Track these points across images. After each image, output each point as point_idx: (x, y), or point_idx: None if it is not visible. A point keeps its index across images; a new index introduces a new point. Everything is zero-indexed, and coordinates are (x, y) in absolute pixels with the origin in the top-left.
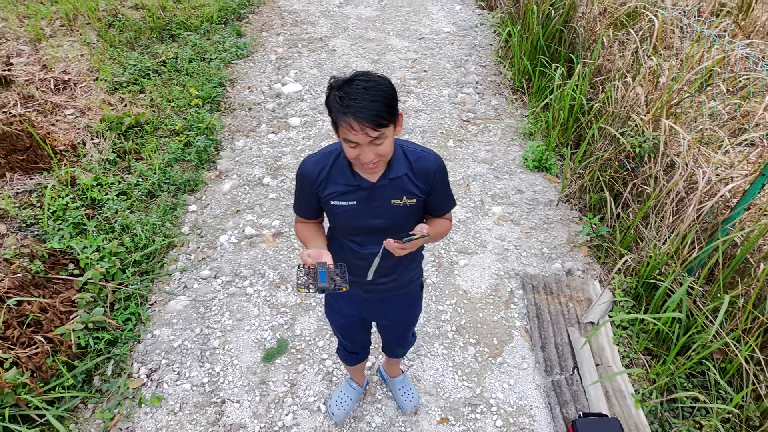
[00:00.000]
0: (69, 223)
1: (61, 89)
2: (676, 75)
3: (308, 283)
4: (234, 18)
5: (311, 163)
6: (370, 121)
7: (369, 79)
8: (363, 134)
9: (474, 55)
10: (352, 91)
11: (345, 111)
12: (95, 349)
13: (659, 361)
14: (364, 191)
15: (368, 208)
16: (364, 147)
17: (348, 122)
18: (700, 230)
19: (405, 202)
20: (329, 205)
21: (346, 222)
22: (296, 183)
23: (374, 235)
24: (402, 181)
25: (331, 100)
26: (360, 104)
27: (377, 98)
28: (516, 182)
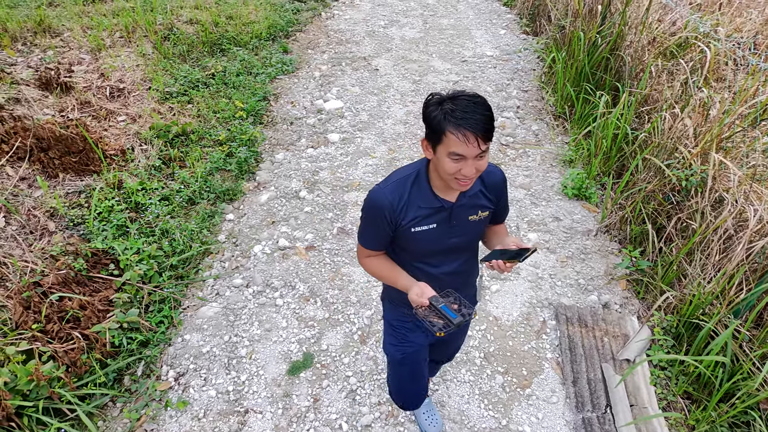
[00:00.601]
0: (113, 225)
1: (115, 97)
2: (728, 108)
3: (444, 325)
4: (282, 35)
5: (387, 192)
6: (483, 133)
7: (474, 95)
8: (475, 146)
9: (516, 79)
10: (463, 105)
11: (460, 123)
12: (128, 348)
13: (699, 407)
14: (445, 212)
15: (447, 228)
16: (468, 161)
17: (464, 134)
18: (749, 271)
19: (480, 216)
20: (408, 233)
21: (424, 246)
22: (367, 215)
23: (450, 254)
24: (477, 196)
25: (437, 115)
26: (474, 117)
27: (487, 112)
28: (553, 209)
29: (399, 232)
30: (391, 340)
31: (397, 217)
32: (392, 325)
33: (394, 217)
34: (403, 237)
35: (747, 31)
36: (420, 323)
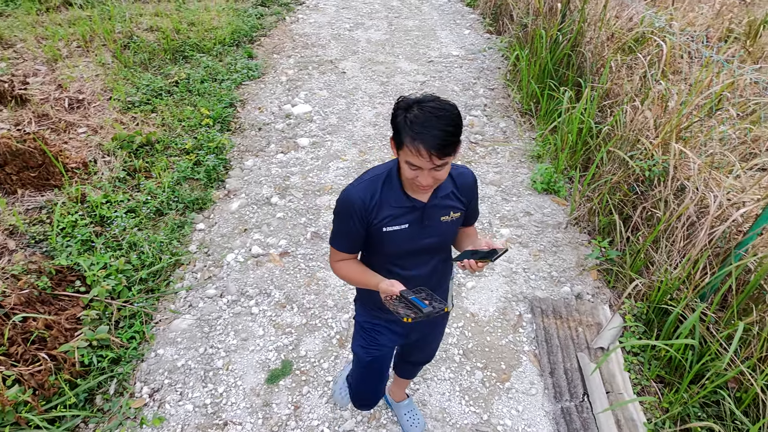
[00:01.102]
0: (77, 240)
1: (75, 108)
2: (685, 99)
3: (410, 313)
4: (246, 41)
5: (359, 191)
6: (438, 150)
7: (440, 106)
8: (429, 161)
9: (482, 78)
10: (424, 117)
11: (415, 137)
12: (98, 367)
13: (672, 390)
14: (417, 212)
15: (419, 228)
16: (424, 171)
17: (417, 148)
18: (712, 255)
19: (452, 217)
20: (380, 233)
21: (396, 246)
22: (339, 215)
23: (422, 255)
24: (449, 198)
25: (400, 121)
26: (431, 132)
27: (448, 128)
28: (524, 204)
29: (371, 231)
30: (360, 342)
31: (368, 215)
32: (363, 327)
33: (366, 216)
34: (375, 237)
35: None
36: (389, 317)
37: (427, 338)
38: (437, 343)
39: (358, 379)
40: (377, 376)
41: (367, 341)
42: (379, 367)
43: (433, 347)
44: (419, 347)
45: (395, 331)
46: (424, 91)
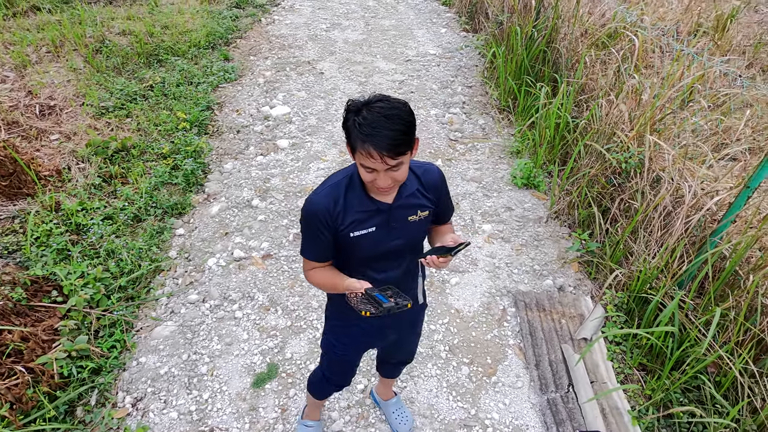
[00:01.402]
0: (53, 249)
1: (46, 115)
2: (658, 92)
3: (369, 308)
4: (221, 43)
5: (322, 197)
6: (389, 151)
7: (390, 106)
8: (382, 163)
9: (460, 76)
10: (373, 118)
11: (364, 139)
12: (78, 378)
13: (654, 377)
14: (383, 214)
15: (387, 230)
16: (380, 173)
17: (368, 150)
18: (688, 243)
19: (420, 216)
20: (347, 239)
21: (365, 251)
22: (305, 225)
23: (392, 258)
24: (415, 196)
25: (350, 125)
26: (381, 133)
27: (397, 127)
28: (505, 200)
29: (339, 237)
30: (332, 340)
31: (334, 222)
32: (335, 327)
33: (332, 222)
34: (343, 243)
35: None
36: (362, 319)
37: (403, 339)
38: (415, 343)
39: (328, 371)
40: (349, 368)
41: (340, 341)
42: (351, 363)
43: (412, 348)
44: (397, 348)
45: (368, 332)
46: (403, 90)
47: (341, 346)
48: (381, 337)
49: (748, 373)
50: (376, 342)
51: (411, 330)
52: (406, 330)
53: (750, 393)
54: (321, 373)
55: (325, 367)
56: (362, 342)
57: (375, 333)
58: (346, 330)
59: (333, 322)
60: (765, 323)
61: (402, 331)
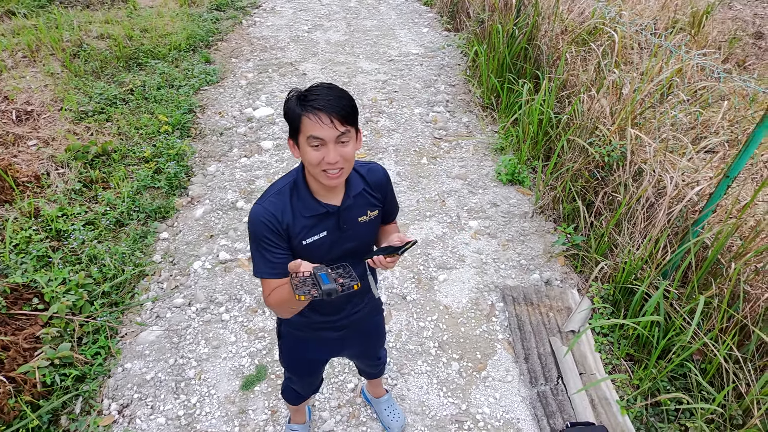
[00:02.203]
0: (33, 256)
1: (23, 120)
2: (637, 86)
3: (308, 290)
4: (202, 45)
5: (267, 206)
6: (338, 114)
7: (330, 85)
8: (331, 127)
9: (443, 75)
10: (317, 90)
11: (312, 104)
12: (62, 386)
13: (641, 366)
14: (333, 216)
15: (338, 233)
16: (329, 146)
17: (317, 115)
18: (671, 234)
19: (370, 216)
20: (300, 247)
21: (319, 257)
22: (255, 239)
23: (346, 260)
24: (363, 196)
25: (292, 104)
26: (327, 98)
27: (343, 95)
28: (490, 196)
29: (292, 247)
30: (289, 359)
31: (285, 231)
32: (289, 345)
33: (282, 232)
34: (296, 252)
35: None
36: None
37: (366, 346)
38: (378, 350)
39: (293, 384)
40: (314, 379)
41: (298, 358)
42: (314, 374)
43: (374, 355)
44: (362, 355)
45: (326, 343)
46: (386, 89)
47: (299, 363)
48: (340, 348)
49: (732, 359)
50: (336, 351)
51: (371, 336)
52: (364, 336)
53: (735, 378)
54: (288, 385)
55: (289, 381)
56: (319, 355)
57: (332, 343)
58: (302, 345)
59: (287, 341)
60: (747, 310)
61: (361, 337)
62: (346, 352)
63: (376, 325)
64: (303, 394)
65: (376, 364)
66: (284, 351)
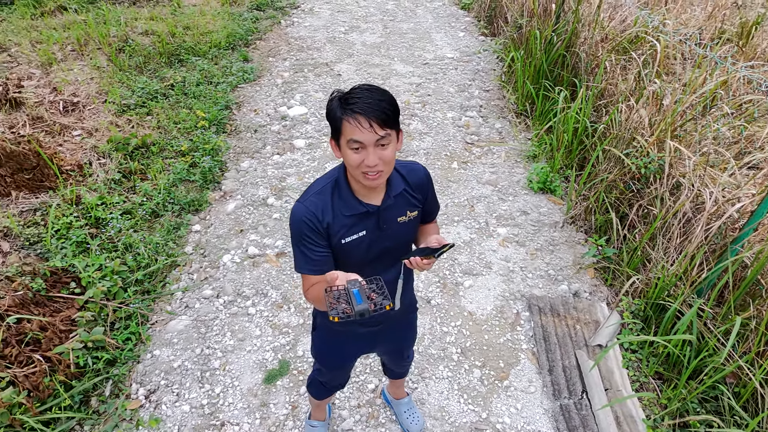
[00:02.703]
0: (72, 242)
1: (69, 111)
2: (679, 98)
3: (343, 309)
4: (241, 44)
5: (308, 206)
6: (377, 118)
7: (372, 86)
8: (370, 131)
9: (477, 80)
10: (358, 93)
11: (353, 108)
12: (94, 369)
13: (670, 386)
14: (373, 216)
15: (378, 233)
16: (369, 149)
17: (356, 119)
18: (708, 251)
19: (409, 216)
20: (340, 245)
21: (358, 256)
22: (296, 237)
23: (384, 261)
24: (403, 196)
25: (334, 106)
26: (368, 101)
27: (384, 98)
28: (521, 204)
29: (332, 245)
30: (322, 350)
31: (325, 229)
32: (324, 338)
33: (323, 229)
34: (335, 251)
35: (692, 26)
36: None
37: (398, 344)
38: (408, 349)
39: (321, 377)
40: (342, 373)
41: (329, 351)
42: (343, 369)
43: (405, 354)
44: (388, 353)
45: (359, 339)
46: (419, 92)
47: (331, 355)
48: (372, 344)
49: None
50: (368, 348)
51: (404, 334)
52: (398, 335)
53: None
54: (315, 378)
55: (317, 373)
56: (352, 349)
57: (365, 339)
58: (336, 338)
59: (321, 333)
60: None
61: (394, 335)
62: (379, 349)
63: (411, 323)
64: (329, 388)
65: (404, 363)
66: (317, 342)
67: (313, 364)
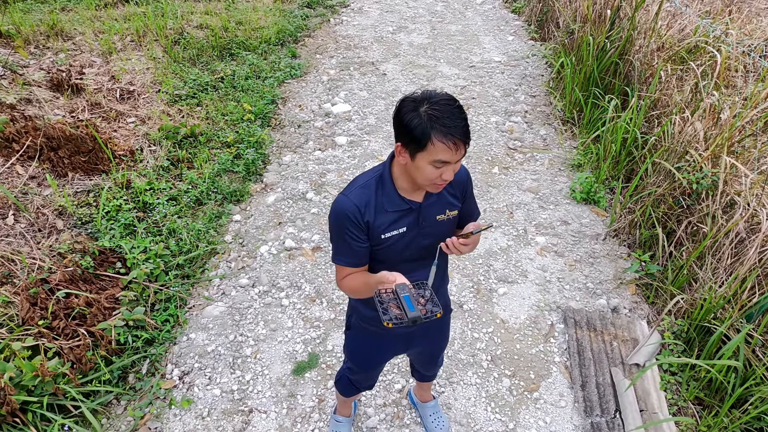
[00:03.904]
0: (120, 224)
1: (125, 99)
2: (738, 112)
3: (396, 315)
4: (290, 40)
5: (352, 198)
6: (466, 141)
7: (451, 98)
8: (461, 153)
9: (524, 84)
10: (446, 110)
11: (449, 131)
12: (133, 346)
13: (711, 413)
14: (414, 213)
15: (417, 230)
16: (450, 166)
17: (454, 142)
18: (761, 274)
19: (448, 215)
20: (379, 239)
21: (396, 253)
22: (336, 227)
23: (421, 258)
24: (444, 195)
25: (418, 121)
26: (460, 123)
27: (465, 116)
28: (561, 213)
29: (370, 240)
30: (356, 350)
31: (367, 222)
32: (358, 337)
33: (364, 223)
34: (374, 245)
35: (757, 38)
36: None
37: (431, 347)
38: (441, 351)
39: (351, 375)
40: (372, 374)
41: (362, 350)
42: (374, 369)
43: (437, 355)
44: (424, 355)
45: (393, 340)
46: (464, 95)
47: (365, 355)
48: (407, 346)
49: None
50: (402, 350)
51: (439, 336)
52: (433, 337)
53: None
54: (345, 375)
55: (347, 371)
56: (386, 351)
57: (400, 341)
58: (370, 339)
59: (355, 332)
60: None
61: (429, 338)
62: (412, 350)
63: (445, 325)
64: (359, 387)
65: (435, 367)
66: (351, 342)
67: (343, 361)
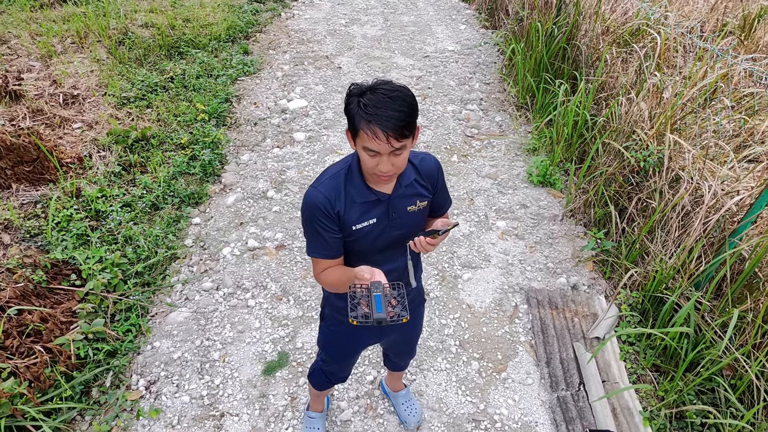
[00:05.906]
0: (72, 234)
1: (69, 104)
2: (679, 91)
3: (363, 314)
4: (241, 36)
5: (323, 190)
6: (395, 131)
7: (393, 88)
8: (386, 144)
9: (478, 72)
10: (378, 99)
11: (370, 119)
12: (94, 360)
13: (667, 378)
14: (383, 204)
15: (387, 221)
16: (383, 157)
17: (373, 131)
18: (706, 244)
19: (419, 206)
20: (350, 231)
21: (367, 244)
22: (308, 220)
23: (392, 249)
24: (413, 186)
25: (353, 107)
26: (386, 113)
27: (402, 108)
28: (520, 197)
29: (343, 230)
30: (329, 341)
31: (337, 213)
32: (331, 329)
33: (335, 214)
34: (346, 236)
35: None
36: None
37: (403, 337)
38: (416, 340)
39: (325, 366)
40: (346, 365)
41: (336, 341)
42: (348, 360)
43: (413, 345)
44: (397, 345)
45: (368, 332)
46: (420, 86)
47: (339, 346)
48: (380, 336)
49: (765, 376)
50: (375, 339)
51: (411, 329)
52: (404, 327)
53: (766, 396)
54: (318, 368)
55: (321, 363)
56: (359, 341)
57: (374, 331)
58: (344, 329)
59: (329, 323)
60: None
61: (400, 327)
62: (387, 340)
63: (419, 315)
64: (332, 380)
65: (409, 355)
66: (324, 332)
67: (317, 354)
